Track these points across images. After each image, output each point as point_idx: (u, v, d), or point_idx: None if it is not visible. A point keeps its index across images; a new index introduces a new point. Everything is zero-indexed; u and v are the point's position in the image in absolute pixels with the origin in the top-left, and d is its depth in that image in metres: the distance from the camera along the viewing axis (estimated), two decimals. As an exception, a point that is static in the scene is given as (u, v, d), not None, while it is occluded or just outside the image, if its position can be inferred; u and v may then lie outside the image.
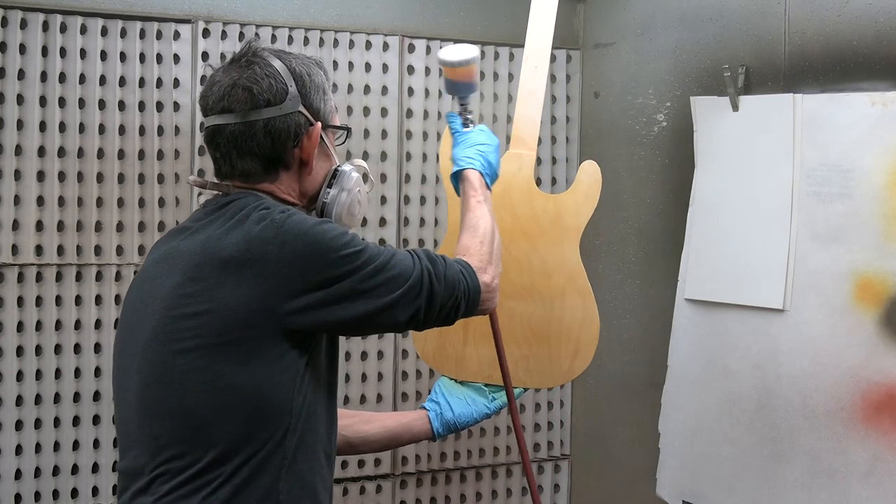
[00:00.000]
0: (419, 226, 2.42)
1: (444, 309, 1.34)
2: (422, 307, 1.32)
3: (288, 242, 1.23)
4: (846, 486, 1.78)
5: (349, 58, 2.32)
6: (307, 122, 1.36)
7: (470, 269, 1.40)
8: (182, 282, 1.25)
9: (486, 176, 1.59)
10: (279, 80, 1.34)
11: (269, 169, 1.36)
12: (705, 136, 2.09)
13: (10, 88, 2.02)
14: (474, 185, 1.56)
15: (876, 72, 1.76)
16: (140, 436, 1.26)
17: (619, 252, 2.43)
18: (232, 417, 1.22)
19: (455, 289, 1.35)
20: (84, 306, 2.10)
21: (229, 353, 1.22)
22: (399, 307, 1.30)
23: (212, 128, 1.35)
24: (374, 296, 1.28)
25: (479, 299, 1.40)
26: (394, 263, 1.30)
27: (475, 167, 1.58)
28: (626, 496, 2.39)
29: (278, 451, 1.25)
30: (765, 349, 1.94)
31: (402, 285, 1.30)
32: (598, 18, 2.52)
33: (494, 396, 1.81)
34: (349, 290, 1.26)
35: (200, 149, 2.19)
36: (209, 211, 1.34)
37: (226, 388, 1.22)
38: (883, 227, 1.74)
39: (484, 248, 1.46)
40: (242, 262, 1.22)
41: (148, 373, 1.26)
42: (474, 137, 1.63)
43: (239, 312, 1.21)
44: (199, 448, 1.22)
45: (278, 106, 1.33)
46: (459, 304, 1.36)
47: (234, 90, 1.33)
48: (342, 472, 2.33)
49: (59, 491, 2.09)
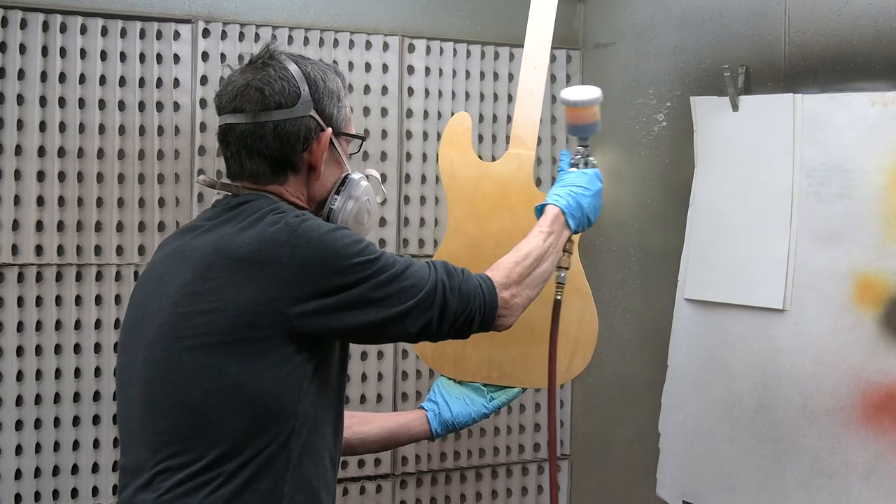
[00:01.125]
0: (419, 226, 2.42)
1: (457, 322, 1.34)
2: (434, 319, 1.31)
3: (300, 247, 1.23)
4: (846, 486, 1.78)
5: (349, 58, 2.32)
6: (318, 127, 1.37)
7: (490, 285, 1.39)
8: (192, 279, 1.25)
9: (571, 216, 1.57)
10: (292, 84, 1.35)
11: (277, 171, 1.36)
12: (705, 136, 2.09)
13: (10, 88, 2.02)
14: (547, 218, 1.55)
15: (876, 72, 1.75)
16: (143, 432, 1.27)
17: (619, 252, 2.43)
18: (236, 417, 1.22)
19: (470, 302, 1.35)
20: (84, 306, 2.11)
21: (236, 353, 1.22)
22: (410, 317, 1.30)
23: (223, 126, 1.37)
24: (385, 305, 1.28)
25: (496, 315, 1.39)
26: (408, 274, 1.30)
27: (558, 204, 1.56)
28: (626, 496, 2.39)
29: (282, 453, 1.25)
30: (765, 349, 1.94)
31: (414, 296, 1.29)
32: (598, 18, 2.52)
33: (493, 396, 1.81)
34: (359, 297, 1.26)
35: (201, 149, 2.19)
36: (220, 211, 1.35)
37: (231, 387, 1.22)
38: (883, 227, 1.74)
39: (517, 267, 1.45)
40: (254, 262, 1.23)
41: (153, 369, 1.26)
42: (573, 179, 1.62)
43: (247, 313, 1.21)
44: (202, 446, 1.22)
45: (289, 109, 1.34)
46: (474, 317, 1.36)
47: (246, 90, 1.34)
48: (342, 473, 2.33)
49: (59, 491, 2.09)
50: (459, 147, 1.86)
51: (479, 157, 1.91)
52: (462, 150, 1.86)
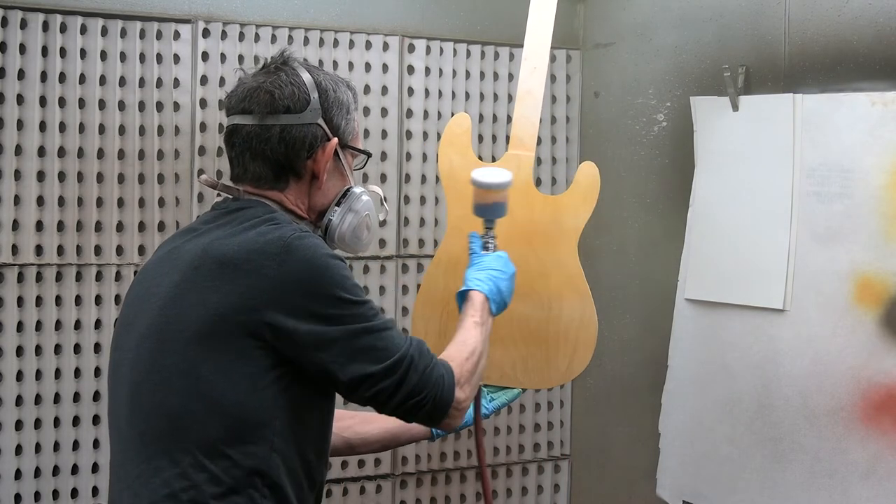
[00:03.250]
0: (419, 226, 2.42)
1: (407, 402, 1.28)
2: (387, 389, 1.26)
3: (289, 262, 1.22)
4: (846, 486, 1.78)
5: (349, 58, 2.32)
6: (324, 137, 1.37)
7: (451, 380, 1.33)
8: (179, 282, 1.25)
9: (493, 302, 1.53)
10: (302, 90, 1.35)
11: (279, 175, 1.36)
12: (705, 136, 2.09)
13: (10, 88, 2.02)
14: (476, 306, 1.50)
15: (876, 72, 1.76)
16: (129, 433, 1.26)
17: (619, 252, 2.43)
18: (210, 424, 1.21)
19: (427, 389, 1.29)
20: (84, 306, 2.11)
21: (213, 359, 1.21)
22: (366, 383, 1.25)
23: (230, 127, 1.37)
24: (349, 358, 1.24)
25: (447, 411, 1.32)
26: (384, 336, 1.27)
27: (482, 290, 1.53)
28: (626, 496, 2.39)
29: (259, 465, 1.22)
30: (765, 349, 1.94)
31: (380, 361, 1.25)
32: (597, 18, 2.52)
33: (493, 397, 1.81)
34: (328, 336, 1.23)
35: (201, 149, 2.19)
36: (217, 215, 1.34)
37: (206, 393, 1.21)
38: (883, 227, 1.74)
39: (467, 364, 1.39)
40: (239, 269, 1.22)
41: (138, 370, 1.26)
42: (490, 262, 1.59)
43: (226, 319, 1.21)
44: (178, 451, 1.21)
45: (297, 114, 1.34)
46: (425, 404, 1.29)
47: (256, 92, 1.35)
48: (342, 472, 2.33)
49: (59, 491, 2.09)
50: (459, 148, 1.86)
51: (479, 157, 1.91)
52: (462, 151, 1.86)
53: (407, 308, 2.38)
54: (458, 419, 1.36)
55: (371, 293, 2.35)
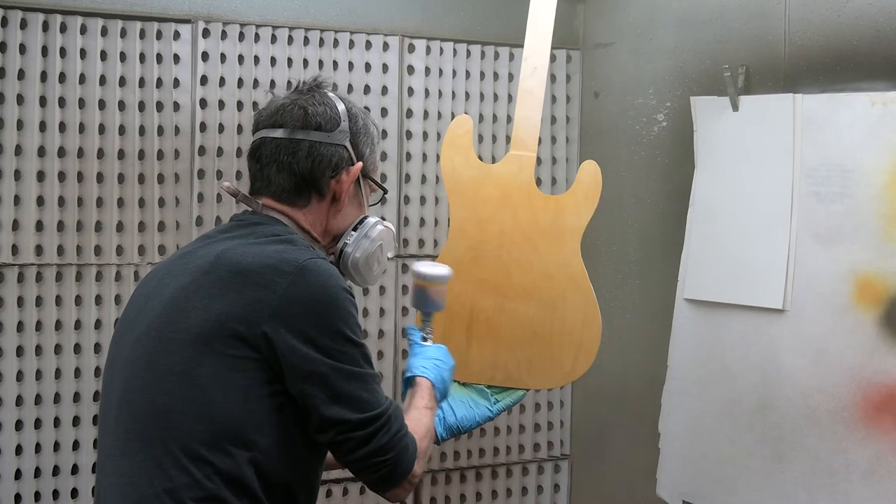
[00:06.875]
0: (419, 226, 2.42)
1: (370, 459, 1.26)
2: (356, 440, 1.25)
3: (301, 284, 1.22)
4: (846, 486, 1.78)
5: (349, 58, 2.32)
6: (349, 160, 1.39)
7: (414, 452, 1.32)
8: (187, 284, 1.25)
9: (437, 390, 1.53)
10: (334, 111, 1.38)
11: (301, 191, 1.37)
12: (705, 136, 2.10)
13: (10, 88, 2.02)
14: (423, 392, 1.50)
15: (876, 72, 1.76)
16: (116, 428, 1.26)
17: (619, 252, 2.43)
18: (196, 429, 1.20)
19: (393, 451, 1.28)
20: (84, 306, 2.10)
21: (209, 364, 1.20)
22: (340, 426, 1.24)
23: (257, 140, 1.39)
24: (332, 398, 1.23)
25: (403, 480, 1.30)
26: (370, 387, 1.26)
27: (428, 376, 1.53)
28: (626, 496, 2.39)
29: (240, 475, 1.21)
30: (765, 349, 1.94)
31: (360, 411, 1.24)
32: (598, 18, 2.52)
33: (498, 399, 1.81)
34: (318, 368, 1.22)
35: (201, 149, 2.19)
36: (234, 226, 1.36)
37: (197, 397, 1.20)
38: (883, 227, 1.74)
39: (424, 442, 1.38)
40: (249, 280, 1.22)
41: (132, 368, 1.26)
42: (433, 352, 1.60)
43: (227, 328, 1.20)
44: (162, 451, 1.20)
45: (327, 133, 1.37)
46: (386, 466, 1.28)
47: (290, 107, 1.37)
48: (342, 472, 2.33)
49: (59, 491, 2.09)
50: (461, 149, 1.86)
51: (480, 157, 1.91)
52: (463, 153, 1.86)
53: (407, 308, 2.39)
54: (407, 492, 1.34)
55: (371, 293, 2.35)
